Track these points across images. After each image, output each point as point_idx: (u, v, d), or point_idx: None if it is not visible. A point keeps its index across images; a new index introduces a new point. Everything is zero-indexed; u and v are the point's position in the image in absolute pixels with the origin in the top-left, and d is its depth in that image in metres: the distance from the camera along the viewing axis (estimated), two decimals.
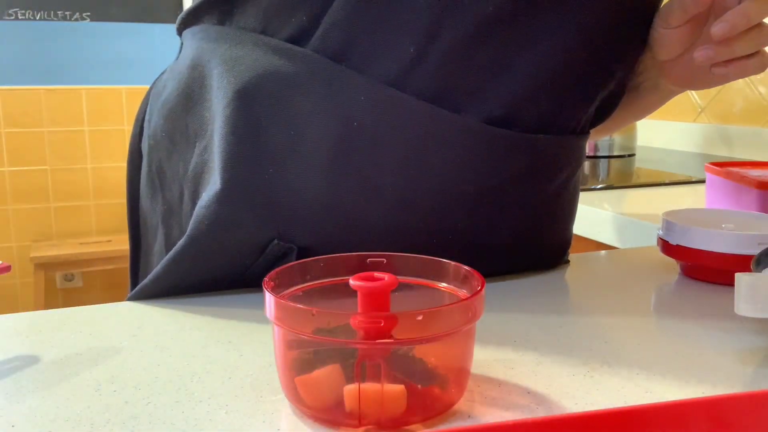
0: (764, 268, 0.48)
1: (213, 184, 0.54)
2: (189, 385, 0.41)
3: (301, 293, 0.41)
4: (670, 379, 0.42)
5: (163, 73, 0.68)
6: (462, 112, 0.54)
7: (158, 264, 0.60)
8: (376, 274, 0.38)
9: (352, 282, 0.38)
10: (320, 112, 0.52)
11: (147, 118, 0.67)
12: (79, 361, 0.44)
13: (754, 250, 0.53)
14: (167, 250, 0.63)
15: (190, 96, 0.60)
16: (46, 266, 2.71)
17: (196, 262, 0.56)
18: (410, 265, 0.43)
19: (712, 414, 0.32)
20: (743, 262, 0.54)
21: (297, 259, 0.55)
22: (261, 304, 0.38)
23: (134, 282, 0.72)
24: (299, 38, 0.53)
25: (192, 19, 0.61)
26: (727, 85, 1.64)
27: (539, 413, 0.37)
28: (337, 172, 0.53)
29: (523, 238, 0.62)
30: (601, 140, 1.61)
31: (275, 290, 0.39)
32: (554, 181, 0.61)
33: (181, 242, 0.56)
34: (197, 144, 0.58)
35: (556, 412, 0.37)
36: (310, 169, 0.53)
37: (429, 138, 0.53)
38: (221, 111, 0.54)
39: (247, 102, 0.53)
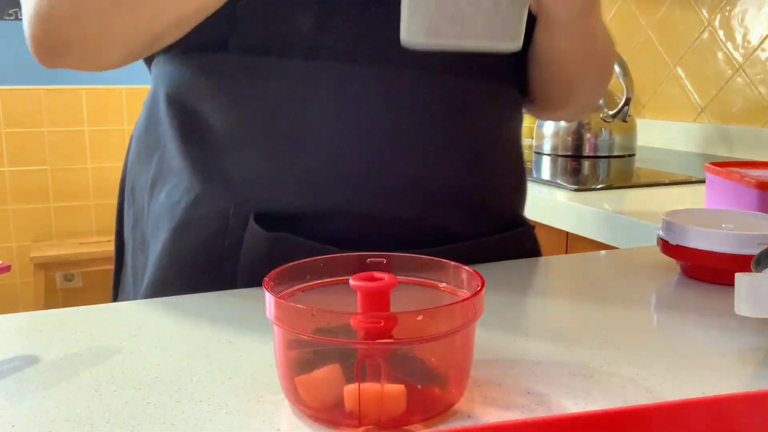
0: (764, 268, 0.48)
1: (176, 183, 0.62)
2: (189, 385, 0.41)
3: (301, 293, 0.41)
4: (670, 379, 0.42)
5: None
6: (375, 62, 0.59)
7: (132, 275, 0.68)
8: (376, 274, 0.38)
9: (352, 282, 0.38)
10: (246, 97, 0.59)
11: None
12: (79, 361, 0.44)
13: (754, 250, 0.53)
14: (133, 261, 0.69)
15: (149, 118, 0.67)
16: (46, 266, 2.71)
17: (179, 256, 0.61)
18: (410, 265, 0.43)
19: (712, 414, 0.32)
20: (743, 262, 0.54)
21: (257, 223, 0.59)
22: (261, 304, 0.38)
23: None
24: (222, 49, 0.61)
25: (150, 57, 0.68)
26: (727, 85, 1.64)
27: (539, 413, 0.37)
28: (274, 140, 0.59)
29: (465, 187, 0.64)
30: (600, 140, 1.61)
31: (275, 290, 0.39)
32: (479, 122, 0.64)
33: (162, 242, 0.61)
34: (155, 156, 0.65)
35: (556, 412, 0.37)
36: (252, 147, 0.60)
37: (347, 92, 0.59)
38: (166, 121, 0.63)
39: (185, 105, 0.62)
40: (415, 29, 0.52)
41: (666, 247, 0.63)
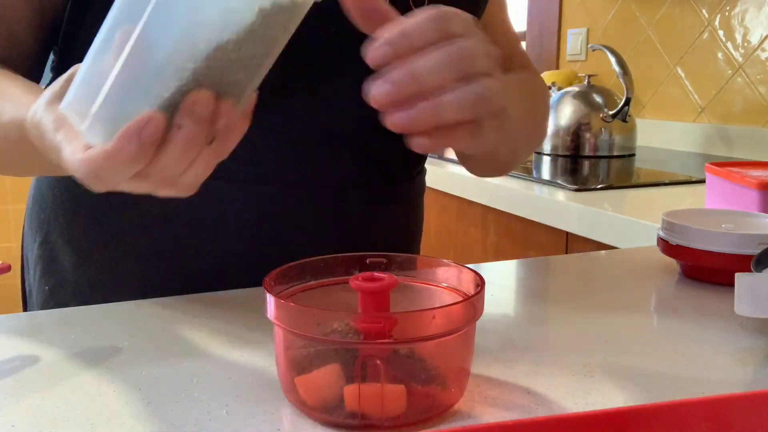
0: (764, 268, 0.48)
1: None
2: (189, 385, 0.41)
3: (301, 293, 0.41)
4: (670, 379, 0.42)
5: None
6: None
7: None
8: (376, 274, 0.38)
9: (352, 282, 0.38)
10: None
11: None
12: (79, 361, 0.44)
13: (754, 250, 0.53)
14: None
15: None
16: None
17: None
18: (410, 265, 0.43)
19: (712, 414, 0.32)
20: (743, 262, 0.54)
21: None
22: (261, 304, 0.38)
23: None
24: None
25: None
26: (727, 85, 1.64)
27: (539, 413, 0.37)
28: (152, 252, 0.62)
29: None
30: (600, 140, 1.61)
31: (275, 290, 0.39)
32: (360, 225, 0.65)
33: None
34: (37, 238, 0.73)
35: (556, 412, 0.37)
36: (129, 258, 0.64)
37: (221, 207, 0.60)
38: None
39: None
40: None
41: (666, 247, 0.63)
